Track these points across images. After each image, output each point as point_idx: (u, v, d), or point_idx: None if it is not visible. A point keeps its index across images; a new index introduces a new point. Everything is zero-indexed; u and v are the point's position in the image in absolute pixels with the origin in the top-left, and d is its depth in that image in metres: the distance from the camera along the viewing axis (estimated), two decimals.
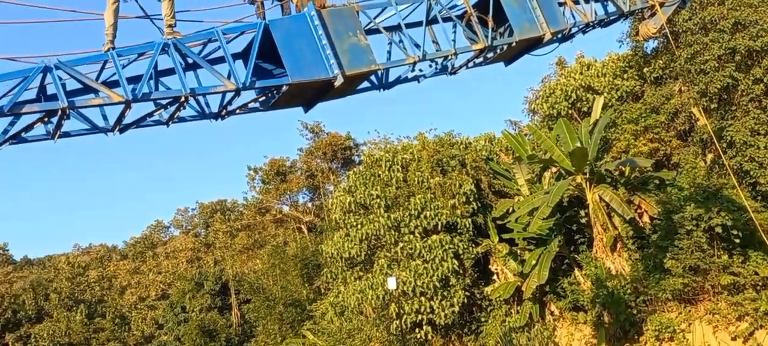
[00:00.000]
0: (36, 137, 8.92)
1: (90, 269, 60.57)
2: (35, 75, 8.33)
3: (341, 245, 27.82)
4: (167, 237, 63.75)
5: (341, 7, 10.52)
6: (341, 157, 46.51)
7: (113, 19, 9.19)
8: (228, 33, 9.78)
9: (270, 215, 49.34)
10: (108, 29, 9.14)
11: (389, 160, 28.50)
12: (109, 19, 9.19)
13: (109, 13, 9.22)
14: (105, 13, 9.23)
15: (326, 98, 10.82)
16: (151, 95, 9.00)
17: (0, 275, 55.97)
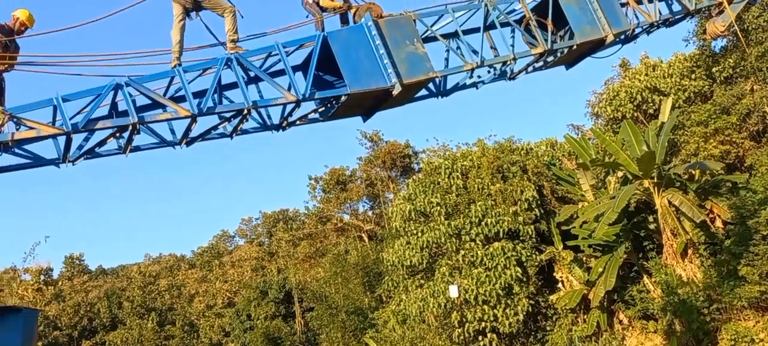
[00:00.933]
0: (109, 152, 9.34)
1: (160, 278, 62.66)
2: (107, 92, 8.72)
3: (402, 253, 27.80)
4: (233, 246, 65.33)
5: (398, 17, 10.57)
6: (400, 165, 46.56)
7: (179, 37, 9.55)
8: (288, 46, 9.99)
9: (331, 224, 49.83)
10: (174, 47, 9.48)
11: (448, 167, 28.34)
12: (176, 37, 9.54)
13: (175, 30, 9.58)
14: (172, 31, 9.58)
15: (384, 107, 10.87)
16: (215, 109, 9.29)
17: (77, 285, 58.51)
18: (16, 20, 9.27)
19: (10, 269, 48.70)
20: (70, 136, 8.51)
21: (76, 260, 63.46)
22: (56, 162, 8.87)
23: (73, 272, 61.82)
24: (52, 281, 55.33)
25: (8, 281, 47.31)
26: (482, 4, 11.61)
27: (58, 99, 8.38)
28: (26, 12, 9.36)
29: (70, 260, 62.89)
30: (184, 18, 9.59)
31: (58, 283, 56.85)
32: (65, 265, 62.42)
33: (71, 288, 57.33)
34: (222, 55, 9.56)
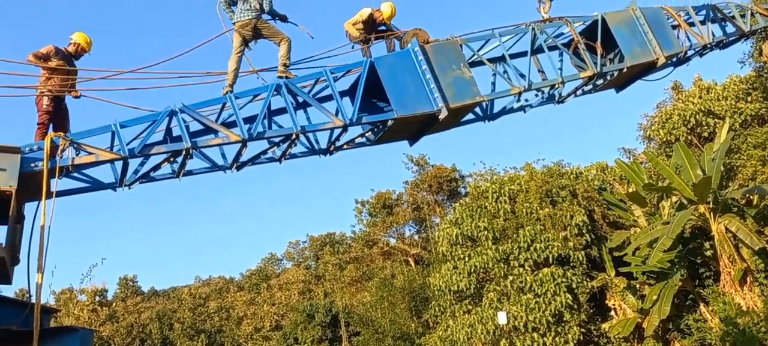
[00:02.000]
0: (163, 176, 9.61)
1: (210, 300, 63.59)
2: (162, 119, 9.02)
3: (449, 278, 27.56)
4: (280, 269, 65.91)
5: (445, 42, 10.64)
6: (447, 189, 46.34)
7: (236, 66, 9.95)
8: (336, 72, 10.17)
9: (377, 248, 49.81)
10: (230, 74, 9.84)
11: (496, 191, 28.07)
12: (232, 66, 9.94)
13: (233, 59, 10.00)
14: (229, 60, 9.97)
15: (431, 131, 10.91)
16: (265, 134, 9.49)
17: (130, 305, 59.86)
18: (75, 45, 9.69)
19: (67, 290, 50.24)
20: (127, 161, 8.82)
21: (129, 281, 65.04)
22: (113, 186, 9.19)
23: (126, 294, 63.35)
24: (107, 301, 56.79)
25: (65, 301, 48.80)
26: (529, 28, 11.60)
27: (116, 125, 8.72)
28: (84, 36, 9.79)
29: (124, 281, 64.51)
30: (242, 49, 10.05)
31: (113, 304, 58.31)
32: (119, 286, 64.08)
33: (125, 309, 58.70)
34: (272, 82, 9.80)
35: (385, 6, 11.05)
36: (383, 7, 11.04)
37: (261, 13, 10.18)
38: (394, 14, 11.09)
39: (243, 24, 10.05)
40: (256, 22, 10.07)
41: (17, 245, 7.89)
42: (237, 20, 10.10)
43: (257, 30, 10.12)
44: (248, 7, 10.06)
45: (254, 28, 10.09)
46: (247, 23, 10.05)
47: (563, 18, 12.22)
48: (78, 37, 9.72)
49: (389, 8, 11.05)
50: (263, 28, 10.15)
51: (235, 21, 10.13)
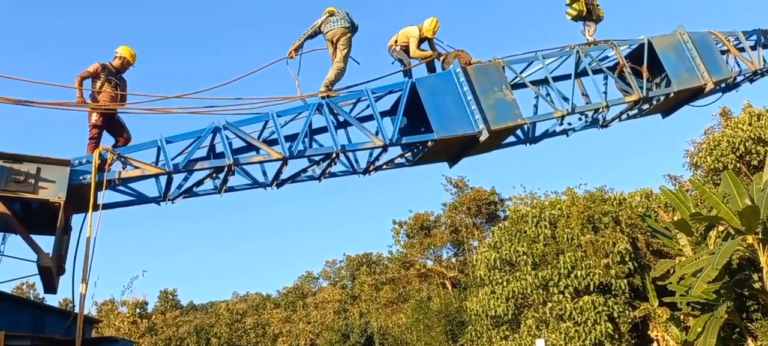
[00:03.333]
0: (205, 192, 9.76)
1: (246, 316, 64.02)
2: (206, 135, 9.17)
3: (486, 303, 27.19)
4: (316, 288, 66.05)
5: (487, 64, 10.59)
6: (486, 212, 45.91)
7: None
8: (377, 92, 10.20)
9: (414, 269, 49.52)
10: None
11: (536, 216, 27.68)
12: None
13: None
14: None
15: (471, 153, 10.84)
16: (305, 152, 9.56)
17: (169, 319, 60.69)
18: (121, 59, 9.96)
19: (109, 301, 51.24)
20: (171, 175, 8.99)
21: (169, 295, 65.99)
22: (157, 200, 9.37)
23: (166, 307, 64.27)
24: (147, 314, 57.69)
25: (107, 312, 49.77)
26: (574, 51, 11.47)
27: (162, 141, 8.91)
28: (129, 49, 10.05)
29: (164, 294, 65.48)
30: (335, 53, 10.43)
31: (152, 316, 59.20)
32: (159, 299, 65.06)
33: (164, 322, 59.52)
34: (314, 101, 9.89)
35: (427, 21, 11.08)
36: (425, 23, 11.07)
37: (352, 27, 10.50)
38: (437, 29, 11.11)
39: (335, 33, 10.41)
40: (344, 34, 10.38)
41: (63, 255, 8.09)
42: (330, 30, 10.43)
43: (339, 40, 10.37)
44: (339, 19, 10.44)
45: (340, 36, 10.36)
46: (339, 32, 10.38)
47: (608, 41, 12.06)
48: (123, 51, 9.98)
49: (431, 23, 11.07)
50: (342, 43, 10.39)
51: (328, 30, 10.43)
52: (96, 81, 9.52)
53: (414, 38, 10.93)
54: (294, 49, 10.40)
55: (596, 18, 12.34)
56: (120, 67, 9.89)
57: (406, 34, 11.05)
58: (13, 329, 6.18)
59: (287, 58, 10.36)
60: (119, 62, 9.90)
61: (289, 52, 10.37)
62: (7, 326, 6.08)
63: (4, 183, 7.68)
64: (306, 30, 10.55)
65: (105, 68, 9.66)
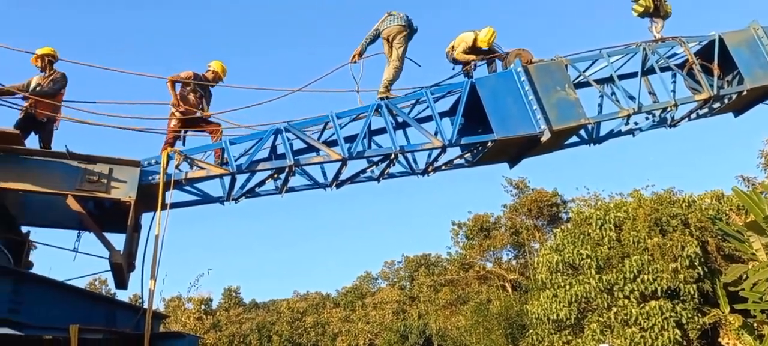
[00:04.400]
0: (267, 192, 9.95)
1: (307, 314, 64.94)
2: (268, 137, 9.36)
3: (548, 306, 26.68)
4: (375, 288, 66.36)
5: (549, 62, 10.40)
6: (547, 214, 45.07)
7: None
8: (435, 93, 10.17)
9: (473, 271, 49.10)
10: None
11: (600, 218, 26.97)
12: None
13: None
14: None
15: (532, 154, 10.66)
16: (364, 153, 9.62)
17: (232, 316, 62.17)
18: (213, 73, 10.31)
19: (176, 298, 52.88)
20: (235, 176, 9.22)
21: (233, 292, 67.58)
22: (221, 200, 9.62)
23: (229, 304, 65.86)
24: (212, 311, 59.29)
25: (174, 308, 51.39)
26: (640, 48, 11.12)
27: (226, 143, 9.16)
28: (221, 64, 10.38)
29: (228, 292, 67.12)
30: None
31: (216, 313, 60.80)
32: (223, 297, 66.74)
33: (227, 319, 61.01)
34: (373, 102, 9.94)
35: (483, 31, 10.97)
36: (481, 34, 10.96)
37: (408, 27, 10.56)
38: (492, 40, 10.97)
39: (390, 31, 10.51)
40: (399, 33, 10.44)
41: (134, 252, 8.40)
42: (385, 29, 10.55)
43: (394, 39, 10.45)
44: (395, 19, 10.54)
45: (394, 36, 10.44)
46: (393, 30, 10.48)
47: (677, 38, 11.63)
48: (216, 66, 10.35)
49: (487, 34, 10.96)
50: (397, 42, 10.46)
51: (384, 29, 10.56)
52: (184, 87, 9.86)
53: (464, 43, 10.85)
54: (357, 54, 10.54)
55: (664, 14, 11.93)
56: (212, 80, 10.23)
57: (461, 39, 10.99)
58: (87, 322, 6.44)
59: (350, 63, 10.49)
60: (211, 75, 10.25)
61: (353, 56, 10.50)
62: (82, 319, 6.35)
63: (79, 183, 8.04)
64: (367, 34, 10.66)
65: (197, 77, 10.00)
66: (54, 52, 9.52)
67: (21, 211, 8.74)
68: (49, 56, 9.43)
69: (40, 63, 9.44)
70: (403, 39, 10.51)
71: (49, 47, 9.54)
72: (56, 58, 9.49)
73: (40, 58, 9.42)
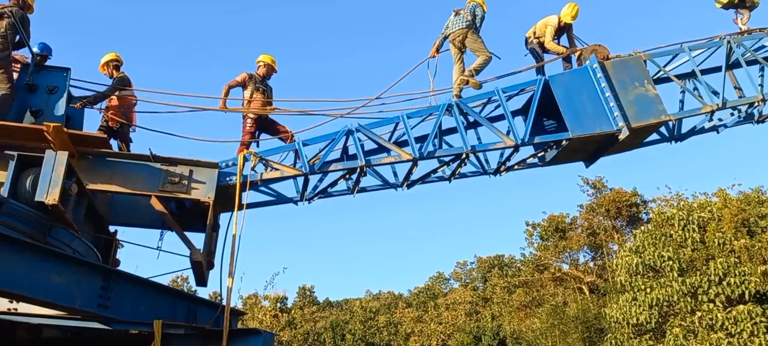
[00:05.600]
0: (339, 192, 10.09)
1: (379, 314, 65.38)
2: (340, 138, 9.49)
3: (627, 310, 25.79)
4: (447, 289, 66.06)
5: (627, 58, 10.07)
6: (626, 214, 43.56)
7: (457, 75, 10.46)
8: (507, 91, 10.03)
9: (548, 273, 48.04)
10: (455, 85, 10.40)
11: (683, 218, 25.84)
12: (455, 76, 10.53)
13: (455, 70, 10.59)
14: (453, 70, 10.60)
15: (609, 152, 10.34)
16: (435, 153, 9.59)
17: (306, 314, 63.33)
18: (265, 66, 10.51)
19: (253, 296, 54.37)
20: (308, 177, 9.40)
21: (307, 291, 68.83)
22: (295, 200, 9.83)
23: (304, 302, 67.10)
24: (287, 308, 60.59)
25: (251, 306, 52.84)
26: (724, 41, 10.59)
27: (299, 144, 9.35)
28: (269, 56, 10.58)
29: (302, 290, 68.42)
30: (461, 56, 10.58)
31: (291, 311, 62.09)
32: (298, 295, 68.09)
33: (302, 317, 62.18)
34: (443, 102, 9.91)
35: (566, 7, 10.75)
36: (564, 9, 10.74)
37: (472, 24, 10.52)
38: (576, 15, 10.76)
39: (456, 34, 10.55)
40: (466, 33, 10.46)
41: (213, 251, 8.70)
42: (451, 32, 10.60)
43: (464, 40, 10.48)
44: (460, 19, 10.56)
45: (463, 38, 10.46)
46: (459, 33, 10.51)
47: (765, 29, 11.02)
48: (265, 59, 10.54)
49: (571, 9, 10.72)
50: (470, 41, 10.48)
51: (450, 32, 10.61)
52: (245, 90, 10.16)
53: (551, 27, 10.66)
54: (436, 48, 10.65)
55: (750, 5, 11.33)
56: (265, 74, 10.46)
57: (544, 23, 10.79)
58: (170, 318, 6.73)
59: (430, 59, 10.57)
60: (264, 70, 10.47)
61: (432, 52, 10.59)
62: (165, 315, 6.64)
63: (162, 184, 8.40)
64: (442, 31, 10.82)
65: (252, 77, 10.26)
66: (117, 56, 9.93)
67: (108, 211, 9.22)
68: (113, 62, 9.84)
69: (107, 70, 9.86)
70: (473, 38, 10.46)
71: (113, 53, 9.96)
72: (121, 63, 9.90)
73: (106, 66, 9.85)
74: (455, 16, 10.65)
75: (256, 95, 10.08)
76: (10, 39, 8.60)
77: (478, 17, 10.65)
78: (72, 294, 5.88)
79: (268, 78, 10.51)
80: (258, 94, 10.11)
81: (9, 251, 5.43)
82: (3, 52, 8.54)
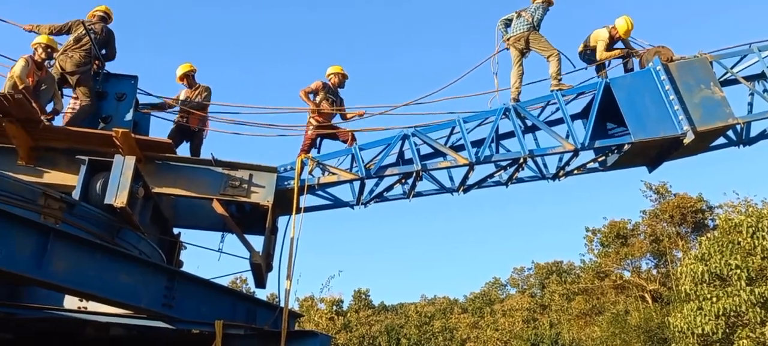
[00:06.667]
0: (394, 196, 10.13)
1: (434, 319, 65.08)
2: (396, 142, 9.53)
3: (692, 320, 24.89)
4: (504, 295, 65.22)
5: (692, 59, 9.76)
6: (691, 220, 42.05)
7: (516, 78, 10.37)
8: (566, 95, 9.87)
9: (609, 280, 46.78)
10: (513, 88, 10.29)
11: (752, 225, 24.73)
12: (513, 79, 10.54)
13: (513, 73, 10.45)
14: (511, 73, 10.46)
15: (673, 156, 10.04)
16: (492, 157, 9.52)
17: (362, 317, 63.61)
18: (337, 76, 10.71)
19: (309, 298, 55.00)
20: (364, 181, 9.48)
21: (363, 294, 69.15)
22: (351, 204, 9.93)
23: (359, 306, 67.43)
24: (342, 311, 61.03)
25: (307, 308, 53.47)
26: None
27: (356, 149, 9.45)
28: (339, 67, 10.78)
29: (358, 294, 68.78)
30: (520, 61, 10.48)
31: (347, 314, 62.50)
32: (353, 298, 68.48)
33: (357, 320, 62.47)
34: (500, 105, 9.83)
35: (620, 21, 10.50)
36: (618, 23, 10.50)
37: (533, 26, 10.45)
38: (631, 29, 10.49)
39: (517, 38, 10.49)
40: (528, 35, 10.38)
41: (271, 253, 8.88)
42: (511, 35, 10.53)
43: (528, 43, 10.39)
44: (522, 22, 10.49)
45: (526, 41, 10.40)
46: (521, 36, 10.44)
47: None
48: (335, 70, 10.75)
49: (625, 23, 10.48)
50: (534, 41, 10.39)
51: (510, 36, 10.55)
52: (316, 96, 10.36)
53: (602, 42, 10.43)
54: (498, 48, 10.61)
55: None
56: (338, 84, 10.67)
57: (595, 37, 10.59)
58: (230, 318, 6.87)
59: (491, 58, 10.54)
60: (336, 79, 10.68)
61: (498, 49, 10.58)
62: (226, 315, 6.79)
63: (223, 188, 8.64)
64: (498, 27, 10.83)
65: (325, 86, 10.47)
66: (193, 67, 10.43)
67: (173, 213, 9.53)
68: (191, 72, 10.37)
69: (186, 81, 10.37)
70: (537, 40, 10.37)
71: (188, 64, 10.48)
72: (195, 71, 10.42)
73: (185, 77, 10.39)
74: (517, 18, 10.58)
75: (324, 104, 10.27)
76: (93, 53, 9.12)
77: (537, 17, 10.54)
78: (138, 294, 6.09)
79: (342, 87, 10.71)
80: (326, 103, 10.29)
81: (81, 252, 5.66)
82: (86, 66, 9.02)
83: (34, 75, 8.53)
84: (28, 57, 8.58)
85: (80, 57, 9.04)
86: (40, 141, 8.48)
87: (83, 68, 9.04)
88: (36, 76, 8.61)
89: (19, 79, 8.23)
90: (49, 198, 6.25)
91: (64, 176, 8.37)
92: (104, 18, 9.57)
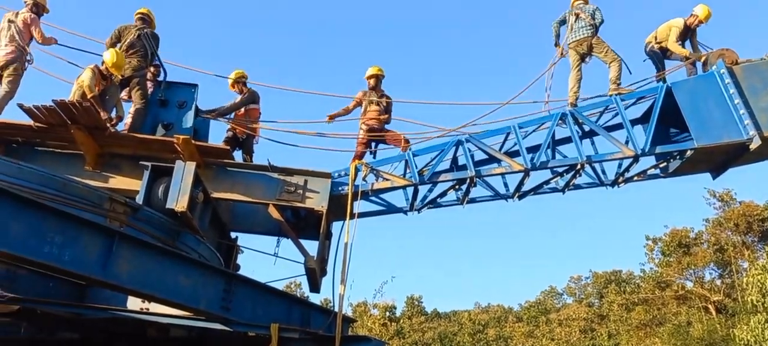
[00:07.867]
0: (448, 203, 10.08)
1: (488, 327, 64.35)
2: (450, 148, 9.50)
3: (760, 332, 23.89)
4: (560, 304, 63.92)
5: (758, 62, 9.39)
6: (758, 229, 40.30)
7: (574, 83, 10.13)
8: (626, 99, 9.66)
9: (671, 291, 45.26)
10: (571, 93, 10.06)
11: None
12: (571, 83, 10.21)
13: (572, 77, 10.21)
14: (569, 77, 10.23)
15: (739, 163, 9.67)
16: (548, 163, 9.37)
17: (415, 324, 63.45)
18: (375, 77, 10.70)
19: (362, 304, 55.19)
20: (417, 187, 9.47)
21: (415, 301, 68.95)
22: (404, 210, 9.93)
23: (412, 312, 67.25)
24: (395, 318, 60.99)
25: (360, 313, 53.68)
26: None
27: (410, 154, 9.45)
28: (375, 67, 10.76)
29: (411, 300, 68.62)
30: (579, 65, 10.24)
31: (400, 320, 62.43)
32: (406, 305, 68.35)
33: (410, 327, 62.33)
34: (557, 110, 9.67)
35: (699, 8, 10.16)
36: (697, 10, 10.16)
37: (596, 31, 10.25)
38: (709, 16, 10.14)
39: (579, 42, 10.24)
40: (591, 40, 10.16)
41: (326, 258, 8.96)
42: (573, 40, 10.30)
43: (591, 48, 10.19)
44: (583, 25, 10.24)
45: (590, 46, 10.19)
46: (583, 41, 10.21)
47: None
48: (372, 70, 10.75)
49: (703, 10, 10.12)
50: (597, 46, 10.17)
51: (572, 41, 10.31)
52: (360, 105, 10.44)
53: (676, 29, 10.08)
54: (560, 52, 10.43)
55: None
56: (375, 85, 10.67)
57: (668, 26, 10.22)
58: (286, 322, 6.96)
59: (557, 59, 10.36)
60: (372, 82, 10.66)
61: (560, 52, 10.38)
62: (281, 319, 6.88)
63: (279, 193, 8.78)
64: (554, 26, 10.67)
65: (366, 93, 10.52)
66: (243, 73, 10.57)
67: (230, 218, 9.74)
68: (241, 78, 10.49)
69: (237, 87, 10.50)
70: (599, 45, 10.12)
71: (239, 70, 10.62)
72: (246, 78, 10.54)
73: (236, 83, 10.51)
74: (575, 20, 10.30)
75: (369, 108, 10.30)
76: (149, 57, 9.44)
77: (598, 19, 10.29)
78: (198, 296, 6.24)
79: (380, 84, 10.66)
80: (371, 107, 10.31)
81: (144, 254, 5.85)
82: (141, 70, 9.36)
83: (99, 84, 8.88)
84: (95, 67, 8.94)
85: (137, 62, 9.37)
86: (105, 147, 8.83)
87: (140, 73, 9.37)
88: (102, 85, 8.96)
89: (89, 89, 8.57)
90: (114, 202, 6.49)
91: (129, 180, 8.69)
92: (147, 21, 9.82)
